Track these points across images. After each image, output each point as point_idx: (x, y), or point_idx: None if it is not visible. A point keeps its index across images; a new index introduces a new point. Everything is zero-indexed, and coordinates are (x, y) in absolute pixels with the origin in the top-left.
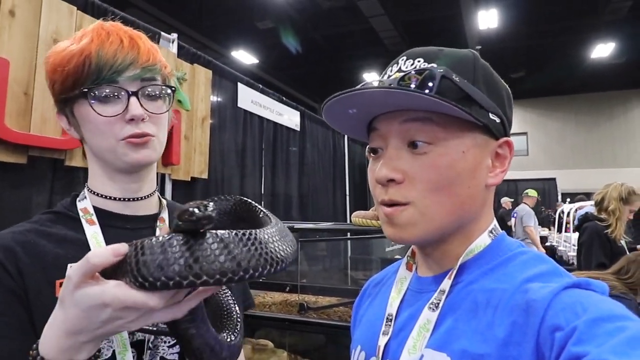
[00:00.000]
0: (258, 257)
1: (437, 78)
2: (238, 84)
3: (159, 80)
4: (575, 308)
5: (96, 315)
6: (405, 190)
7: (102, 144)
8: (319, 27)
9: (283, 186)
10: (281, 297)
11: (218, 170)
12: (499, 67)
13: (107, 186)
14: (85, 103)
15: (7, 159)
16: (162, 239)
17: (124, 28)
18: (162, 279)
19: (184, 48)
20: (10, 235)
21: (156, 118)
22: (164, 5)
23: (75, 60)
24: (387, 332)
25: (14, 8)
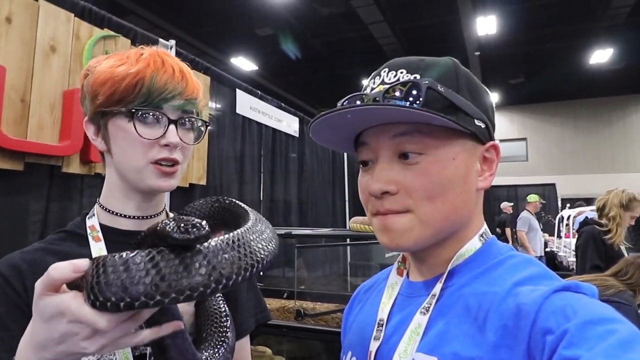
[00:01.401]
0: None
1: (422, 90)
2: (237, 90)
3: (194, 113)
4: (566, 311)
5: (55, 327)
6: (402, 199)
7: (131, 162)
8: (318, 34)
9: (282, 192)
10: (279, 304)
11: (217, 177)
12: (497, 73)
13: (122, 203)
14: (125, 120)
15: (4, 165)
16: (117, 259)
17: (175, 59)
18: (111, 300)
19: (182, 54)
20: (19, 255)
21: (186, 148)
22: (163, 12)
23: (129, 80)
24: (378, 337)
25: (10, 15)
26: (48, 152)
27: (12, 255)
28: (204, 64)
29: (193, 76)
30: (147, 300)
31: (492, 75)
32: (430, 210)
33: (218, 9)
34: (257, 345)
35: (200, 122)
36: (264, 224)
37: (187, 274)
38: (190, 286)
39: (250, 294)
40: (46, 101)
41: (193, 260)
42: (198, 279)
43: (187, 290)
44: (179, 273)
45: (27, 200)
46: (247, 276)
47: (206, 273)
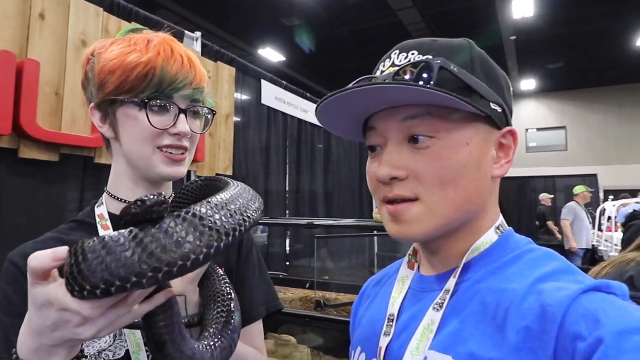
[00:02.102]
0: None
1: (434, 69)
2: (261, 80)
3: (202, 101)
4: (597, 315)
5: (46, 315)
6: (411, 185)
7: (139, 150)
8: (345, 23)
9: (308, 183)
10: (302, 293)
11: (242, 167)
12: (535, 58)
13: (130, 190)
14: (136, 109)
15: (41, 156)
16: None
17: (182, 46)
18: (87, 289)
19: (208, 46)
20: (32, 245)
21: (194, 136)
22: (192, 6)
23: (140, 70)
24: (388, 333)
25: (43, 11)
26: (81, 144)
27: (25, 245)
28: (229, 55)
29: (200, 64)
30: (123, 284)
31: (529, 60)
32: (441, 197)
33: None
34: (282, 334)
35: (208, 110)
36: (245, 187)
37: (162, 250)
38: (167, 262)
39: (260, 281)
40: (78, 94)
41: (178, 229)
42: (187, 247)
43: (164, 267)
44: (152, 250)
45: (63, 189)
46: (237, 235)
47: (194, 239)
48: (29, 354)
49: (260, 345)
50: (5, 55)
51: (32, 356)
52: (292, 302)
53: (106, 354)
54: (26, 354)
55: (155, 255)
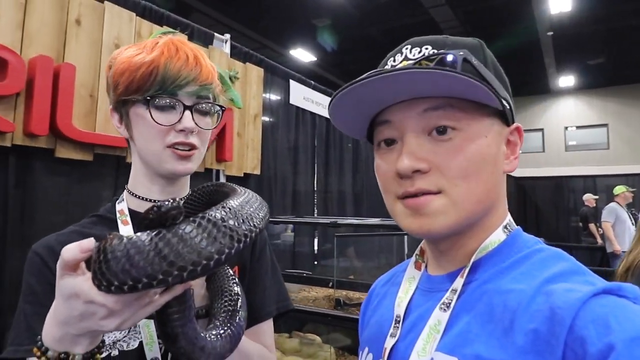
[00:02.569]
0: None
1: (459, 61)
2: (290, 81)
3: (211, 98)
4: (608, 320)
5: (73, 306)
6: (434, 178)
7: (150, 147)
8: (376, 22)
9: (336, 183)
10: (326, 292)
11: (271, 167)
12: (573, 54)
13: (147, 188)
14: (143, 108)
15: (76, 156)
16: (117, 244)
17: (190, 45)
18: (115, 284)
19: (237, 48)
20: (55, 237)
21: (203, 133)
22: (224, 9)
23: (144, 69)
24: (394, 334)
25: (79, 17)
26: (114, 144)
27: (48, 238)
28: (258, 56)
29: (208, 62)
30: (150, 282)
31: (568, 56)
32: (465, 190)
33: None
34: (307, 333)
35: (217, 107)
36: (253, 194)
37: (189, 250)
38: (192, 261)
39: (272, 281)
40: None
41: (192, 235)
42: (211, 248)
43: (189, 266)
44: (178, 251)
45: (97, 188)
46: (248, 242)
47: (207, 245)
48: (54, 343)
49: (270, 344)
50: (44, 60)
51: (57, 344)
52: (316, 301)
53: (120, 344)
54: (51, 342)
55: (182, 255)
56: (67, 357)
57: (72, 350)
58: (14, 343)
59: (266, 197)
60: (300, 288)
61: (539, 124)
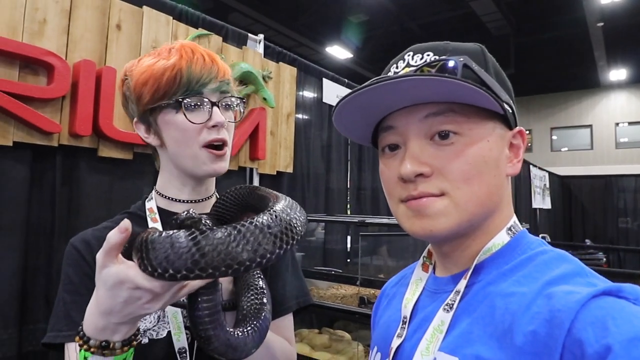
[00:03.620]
0: (254, 249)
1: (459, 67)
2: (323, 79)
3: (230, 93)
4: (606, 322)
5: (117, 293)
6: (437, 182)
7: (185, 151)
8: (415, 16)
9: (370, 181)
10: (354, 290)
11: (304, 165)
12: (625, 46)
13: (178, 190)
14: (173, 112)
15: (117, 155)
16: (168, 234)
17: (200, 47)
18: (158, 271)
19: (270, 48)
20: (91, 232)
21: (230, 126)
22: (262, 8)
23: (169, 74)
24: (401, 335)
25: (120, 22)
26: None
27: (85, 232)
28: (291, 55)
29: (220, 60)
30: (187, 274)
31: (619, 49)
32: (467, 193)
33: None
34: (337, 330)
35: (238, 100)
36: (291, 200)
37: (226, 252)
38: (226, 263)
39: (293, 277)
40: None
41: (231, 238)
42: (239, 256)
43: (222, 267)
44: (216, 251)
45: (137, 185)
46: (282, 254)
47: (243, 250)
48: (96, 332)
49: (290, 337)
50: (87, 65)
51: (98, 334)
52: (344, 299)
53: (150, 333)
54: (93, 332)
55: (219, 255)
56: (107, 345)
57: (112, 338)
58: (54, 329)
59: (299, 195)
60: (329, 285)
61: (587, 120)
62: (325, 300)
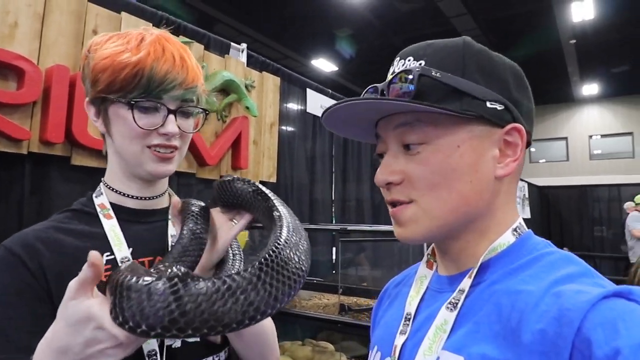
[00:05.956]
0: (243, 310)
1: (415, 77)
2: (307, 89)
3: (195, 100)
4: (617, 324)
5: (79, 331)
6: (406, 189)
7: (129, 148)
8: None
9: (354, 192)
10: (336, 300)
11: (287, 175)
12: (597, 62)
13: (125, 185)
14: (125, 109)
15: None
16: (146, 282)
17: (176, 44)
18: (129, 325)
19: (253, 57)
20: (32, 233)
21: (186, 135)
22: (248, 20)
23: (128, 71)
24: (404, 332)
25: (96, 28)
26: None
27: (25, 233)
28: (274, 65)
29: (193, 62)
30: (163, 333)
31: (591, 64)
32: (433, 200)
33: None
34: (320, 341)
35: (199, 109)
36: (297, 230)
37: (210, 312)
38: (210, 325)
39: None
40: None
41: (219, 295)
42: (225, 317)
43: (204, 329)
44: (199, 309)
45: None
46: (278, 307)
47: (230, 310)
48: None
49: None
50: (60, 70)
51: None
52: (326, 308)
53: None
54: None
55: (186, 316)
56: None
57: None
58: None
59: None
60: (311, 295)
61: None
62: (308, 310)
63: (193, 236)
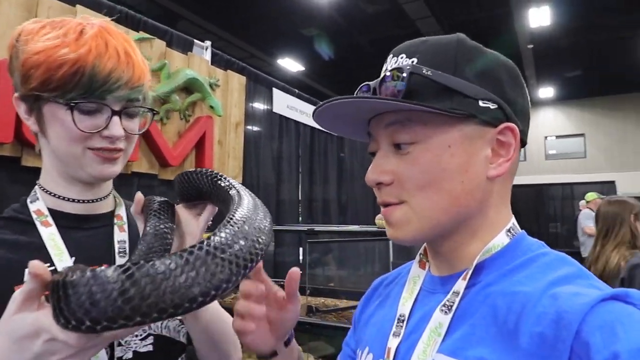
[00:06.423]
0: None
1: (406, 75)
2: (273, 89)
3: (141, 99)
4: (615, 328)
5: (27, 346)
6: (396, 190)
7: (68, 150)
8: (365, 32)
9: (321, 192)
10: (304, 300)
11: (253, 175)
12: (552, 67)
13: (64, 188)
14: (63, 109)
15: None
16: (93, 272)
17: (121, 37)
18: (73, 324)
19: (218, 55)
20: None
21: (131, 136)
22: (212, 17)
23: (67, 69)
24: (398, 334)
25: None
26: None
27: None
28: (240, 64)
29: (139, 57)
30: (109, 325)
31: (547, 68)
32: (423, 201)
33: (265, 12)
34: None
35: (146, 110)
36: (256, 209)
37: (157, 294)
38: (159, 308)
39: None
40: None
41: (175, 272)
42: (174, 297)
43: (154, 313)
44: (146, 294)
45: None
46: (231, 286)
47: (186, 286)
48: None
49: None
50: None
51: None
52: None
53: None
54: None
55: (150, 299)
56: None
57: None
58: None
59: None
60: None
61: None
62: None
63: (156, 233)
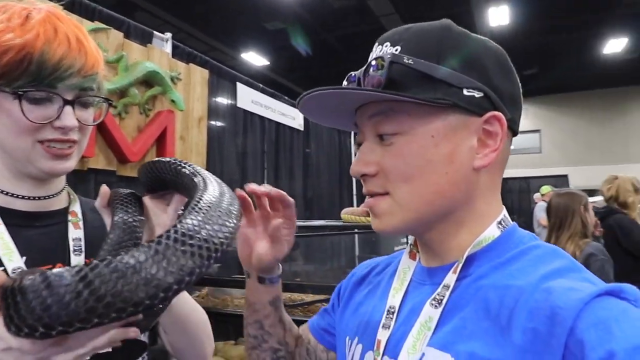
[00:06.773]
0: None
1: (386, 64)
2: (237, 83)
3: (95, 88)
4: (610, 326)
5: None
6: (381, 181)
7: (16, 143)
8: (330, 28)
9: (287, 187)
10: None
11: (217, 171)
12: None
13: (13, 184)
14: (10, 99)
15: None
16: (37, 281)
17: (72, 23)
18: (25, 331)
19: (179, 48)
20: None
21: (85, 127)
22: (172, 8)
23: (12, 55)
24: (387, 326)
25: None
26: None
27: None
28: (202, 57)
29: (92, 44)
30: (65, 329)
31: None
32: (407, 192)
33: (225, 3)
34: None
35: (100, 99)
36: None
37: (113, 294)
38: (134, 302)
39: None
40: None
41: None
42: (132, 296)
43: (112, 313)
44: (101, 294)
45: None
46: (204, 270)
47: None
48: None
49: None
50: None
51: None
52: None
53: None
54: None
55: (105, 300)
56: None
57: None
58: None
59: None
60: (242, 293)
61: None
62: (240, 309)
63: (125, 226)
